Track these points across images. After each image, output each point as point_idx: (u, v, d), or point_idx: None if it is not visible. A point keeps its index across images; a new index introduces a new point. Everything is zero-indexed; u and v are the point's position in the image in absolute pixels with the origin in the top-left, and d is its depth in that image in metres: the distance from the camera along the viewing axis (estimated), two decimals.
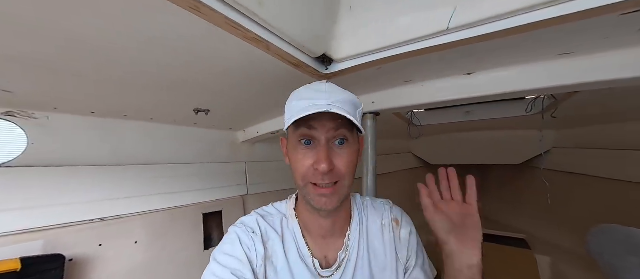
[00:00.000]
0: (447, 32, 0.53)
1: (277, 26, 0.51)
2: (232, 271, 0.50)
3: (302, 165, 0.51)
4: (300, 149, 0.52)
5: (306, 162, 0.51)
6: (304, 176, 0.52)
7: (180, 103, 0.90)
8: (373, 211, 0.66)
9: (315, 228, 0.59)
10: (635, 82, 0.58)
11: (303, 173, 0.52)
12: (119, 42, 0.51)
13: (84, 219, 0.81)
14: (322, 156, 0.49)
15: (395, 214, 0.66)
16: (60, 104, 0.78)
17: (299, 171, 0.52)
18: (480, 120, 1.63)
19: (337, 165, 0.51)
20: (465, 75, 0.77)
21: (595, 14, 0.42)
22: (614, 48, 0.56)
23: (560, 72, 0.63)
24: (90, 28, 0.46)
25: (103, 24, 0.45)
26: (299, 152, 0.52)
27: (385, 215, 0.65)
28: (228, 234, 0.58)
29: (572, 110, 1.25)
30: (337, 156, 0.51)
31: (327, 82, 0.54)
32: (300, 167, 0.52)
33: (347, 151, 0.52)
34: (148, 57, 0.58)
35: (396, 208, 0.68)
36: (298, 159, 0.52)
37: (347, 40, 0.65)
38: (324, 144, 0.50)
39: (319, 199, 0.52)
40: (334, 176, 0.51)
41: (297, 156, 0.52)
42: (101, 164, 0.89)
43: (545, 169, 1.90)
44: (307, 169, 0.51)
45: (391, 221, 0.64)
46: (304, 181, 0.52)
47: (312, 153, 0.51)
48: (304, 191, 0.54)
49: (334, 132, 0.50)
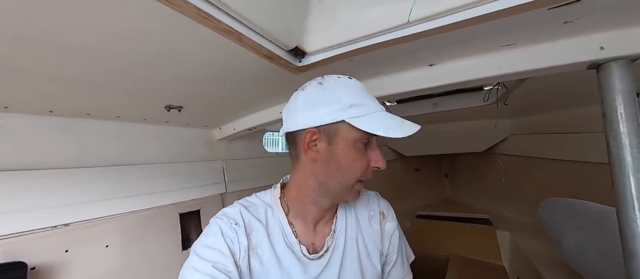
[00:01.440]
0: (408, 24, 0.58)
1: (248, 17, 0.53)
2: (213, 264, 0.49)
3: (360, 165, 0.55)
4: (358, 149, 0.54)
5: (363, 163, 0.55)
6: (357, 174, 0.55)
7: (149, 100, 0.87)
8: (361, 201, 0.69)
9: (312, 213, 0.61)
10: (563, 70, 0.68)
11: (359, 172, 0.55)
12: (77, 37, 0.48)
13: (46, 226, 0.75)
14: (381, 155, 0.56)
15: (382, 207, 0.70)
16: (12, 103, 0.72)
17: (354, 170, 0.55)
18: (447, 110, 1.76)
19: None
20: (428, 66, 0.84)
21: (526, 9, 0.50)
22: (546, 40, 0.65)
23: (505, 62, 0.71)
24: (42, 21, 0.43)
25: (58, 17, 0.43)
26: (357, 151, 0.54)
27: (372, 206, 0.69)
28: (209, 226, 0.57)
29: (522, 98, 1.41)
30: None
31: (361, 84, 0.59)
32: (358, 167, 0.55)
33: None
34: (111, 51, 0.55)
35: (383, 201, 0.73)
36: (356, 158, 0.54)
37: (319, 33, 0.68)
38: (378, 145, 0.56)
39: (355, 195, 0.58)
40: None
41: (355, 156, 0.54)
42: (63, 166, 0.83)
43: (504, 155, 2.10)
44: (364, 168, 0.55)
45: (378, 213, 0.69)
46: (355, 178, 0.55)
47: (366, 153, 0.56)
48: (351, 189, 0.57)
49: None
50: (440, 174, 3.30)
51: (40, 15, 0.42)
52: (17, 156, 0.75)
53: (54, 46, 0.51)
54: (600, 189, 0.90)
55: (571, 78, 1.05)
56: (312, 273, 0.57)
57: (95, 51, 0.54)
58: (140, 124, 1.03)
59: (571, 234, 1.01)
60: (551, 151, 1.68)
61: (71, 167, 0.84)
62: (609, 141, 0.60)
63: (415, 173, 3.07)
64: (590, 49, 0.61)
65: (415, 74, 0.86)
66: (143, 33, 0.51)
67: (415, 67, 0.85)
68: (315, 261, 0.58)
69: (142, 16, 0.46)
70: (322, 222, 0.63)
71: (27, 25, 0.43)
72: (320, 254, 0.59)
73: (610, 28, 0.60)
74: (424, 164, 3.12)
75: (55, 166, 0.81)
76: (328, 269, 0.59)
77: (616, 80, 0.59)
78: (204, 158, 1.27)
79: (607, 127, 0.60)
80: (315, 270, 0.58)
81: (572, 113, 1.47)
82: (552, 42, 0.65)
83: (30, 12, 0.41)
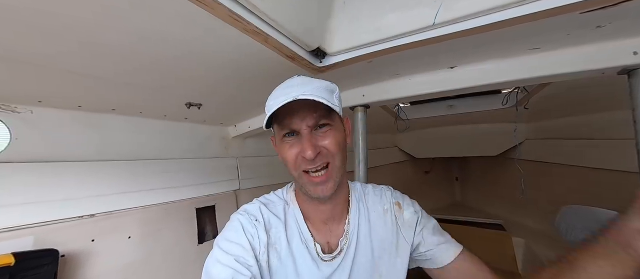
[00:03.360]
0: (432, 27, 0.58)
1: (275, 18, 0.54)
2: (235, 257, 0.51)
3: (289, 156, 0.54)
4: (285, 142, 0.55)
5: (292, 153, 0.54)
6: (294, 166, 0.55)
7: (171, 97, 0.90)
8: (374, 197, 0.67)
9: (315, 213, 0.61)
10: (592, 74, 0.66)
11: (293, 164, 0.55)
12: (109, 36, 0.51)
13: (74, 216, 0.79)
14: (306, 144, 0.52)
15: (396, 197, 0.68)
16: (45, 98, 0.75)
17: (288, 162, 0.55)
18: (461, 114, 1.72)
19: (324, 146, 0.53)
20: (449, 69, 0.83)
21: (557, 13, 0.49)
22: (575, 44, 0.63)
23: (529, 66, 0.70)
24: (79, 20, 0.45)
25: (95, 16, 0.44)
26: (285, 145, 0.55)
27: (386, 200, 0.67)
28: (231, 222, 0.58)
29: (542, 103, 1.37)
30: (321, 139, 0.54)
31: (300, 76, 0.56)
32: (289, 159, 0.55)
33: (331, 133, 0.55)
34: (141, 51, 0.57)
35: (397, 192, 0.70)
36: (285, 152, 0.55)
37: (340, 34, 0.68)
38: (306, 133, 0.53)
39: (314, 188, 0.54)
40: (323, 157, 0.54)
41: (284, 149, 0.55)
42: (89, 159, 0.86)
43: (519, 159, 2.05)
44: (295, 159, 0.54)
45: (393, 205, 0.66)
46: (297, 171, 0.55)
47: (297, 143, 0.54)
48: (300, 182, 0.56)
49: (312, 120, 0.53)
50: (450, 177, 3.25)
51: (78, 14, 0.44)
52: (48, 147, 0.79)
53: (88, 45, 0.53)
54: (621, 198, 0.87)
55: (592, 83, 1.02)
56: (326, 272, 0.58)
57: (125, 50, 0.56)
58: (161, 120, 1.06)
59: None
60: (569, 157, 1.63)
61: (95, 160, 0.88)
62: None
63: (425, 175, 3.03)
64: (622, 54, 0.59)
65: (435, 76, 0.85)
66: (171, 34, 0.52)
67: (435, 69, 0.84)
68: (329, 261, 0.59)
69: (173, 17, 0.47)
70: (335, 222, 0.63)
71: (65, 23, 0.45)
72: (334, 255, 0.60)
73: None
74: (435, 167, 3.07)
75: (81, 158, 0.85)
76: (340, 270, 0.59)
77: None
78: (218, 155, 1.30)
79: (638, 134, 0.58)
80: (328, 269, 0.58)
81: (593, 119, 1.42)
82: (582, 46, 0.64)
83: (70, 11, 0.43)
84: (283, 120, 0.53)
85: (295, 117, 0.52)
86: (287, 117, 0.52)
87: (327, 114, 0.54)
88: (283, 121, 0.53)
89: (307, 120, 0.52)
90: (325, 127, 0.55)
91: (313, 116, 0.52)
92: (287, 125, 0.53)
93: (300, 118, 0.52)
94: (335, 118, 0.56)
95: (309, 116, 0.52)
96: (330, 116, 0.55)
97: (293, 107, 0.51)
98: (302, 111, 0.52)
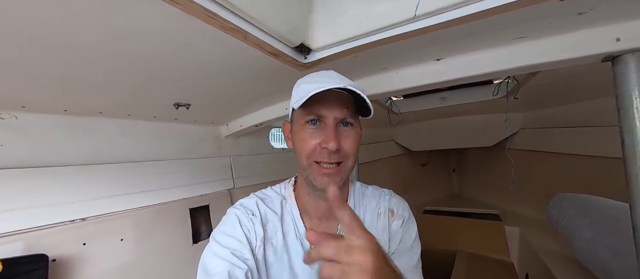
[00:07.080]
0: (414, 19, 0.57)
1: (253, 15, 0.53)
2: (232, 251, 0.51)
3: (308, 144, 0.53)
4: (307, 129, 0.54)
5: (312, 142, 0.53)
6: (309, 155, 0.53)
7: (158, 98, 0.89)
8: (371, 198, 0.67)
9: (313, 209, 0.61)
10: (577, 63, 0.65)
11: (309, 152, 0.53)
12: (85, 37, 0.50)
13: (64, 220, 0.79)
14: (331, 135, 0.51)
15: (392, 204, 0.67)
16: (28, 103, 0.74)
17: (304, 149, 0.54)
18: (455, 105, 1.72)
19: (344, 145, 0.53)
20: (435, 61, 0.82)
21: (538, 1, 0.48)
22: (559, 32, 0.63)
23: (516, 55, 0.70)
24: (51, 23, 0.44)
25: (65, 18, 0.44)
26: (306, 131, 0.54)
27: (382, 204, 0.67)
28: (227, 216, 0.59)
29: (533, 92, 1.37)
30: (344, 136, 0.53)
31: (333, 71, 0.57)
32: (307, 147, 0.53)
33: (353, 133, 0.55)
34: (121, 52, 0.57)
35: (397, 198, 0.69)
36: (304, 139, 0.54)
37: (324, 29, 0.67)
38: (332, 124, 0.52)
39: (321, 179, 0.53)
40: (340, 155, 0.53)
41: (303, 136, 0.54)
42: (78, 163, 0.86)
43: (515, 149, 2.05)
44: (313, 148, 0.53)
45: (387, 211, 0.66)
46: (309, 160, 0.54)
47: (319, 133, 0.53)
48: (308, 171, 0.55)
49: (341, 113, 0.52)
50: (447, 169, 3.26)
51: (48, 18, 0.43)
52: (34, 153, 0.78)
53: (64, 47, 0.52)
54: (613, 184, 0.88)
55: (583, 71, 1.02)
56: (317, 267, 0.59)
57: (103, 51, 0.56)
58: (150, 121, 1.05)
59: (583, 231, 0.99)
60: (562, 145, 1.64)
61: (85, 164, 0.87)
62: (624, 136, 0.58)
63: (422, 168, 3.04)
64: (605, 41, 0.59)
65: (422, 68, 0.85)
66: (149, 33, 0.51)
67: (422, 61, 0.83)
68: None
69: (148, 16, 0.46)
70: (331, 219, 0.63)
71: (38, 27, 0.45)
72: None
73: (627, 19, 0.57)
74: (431, 159, 3.08)
75: (70, 162, 0.84)
76: None
77: (632, 72, 0.57)
78: (211, 155, 1.29)
79: (622, 121, 0.58)
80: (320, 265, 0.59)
81: (584, 106, 1.42)
82: (566, 34, 0.63)
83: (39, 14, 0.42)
84: (312, 106, 0.52)
85: (327, 106, 0.52)
86: (317, 104, 0.51)
87: (353, 114, 0.54)
88: (312, 107, 0.52)
89: (336, 112, 0.52)
90: (349, 126, 0.55)
91: (344, 110, 0.53)
92: (316, 111, 0.52)
93: (331, 109, 0.52)
94: (357, 121, 0.57)
95: (340, 108, 0.52)
96: (355, 117, 0.55)
97: (326, 96, 0.50)
98: (335, 102, 0.52)
